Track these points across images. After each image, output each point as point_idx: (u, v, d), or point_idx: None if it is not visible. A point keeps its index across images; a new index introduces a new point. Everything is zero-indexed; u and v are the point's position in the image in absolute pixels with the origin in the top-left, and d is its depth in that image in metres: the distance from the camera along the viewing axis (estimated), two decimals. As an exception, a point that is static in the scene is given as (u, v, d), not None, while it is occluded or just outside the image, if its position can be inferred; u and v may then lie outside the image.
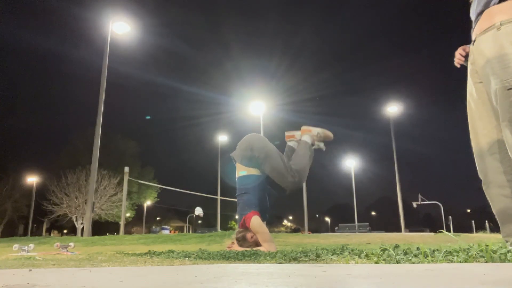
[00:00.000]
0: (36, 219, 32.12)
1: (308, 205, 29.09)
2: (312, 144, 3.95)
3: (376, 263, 1.56)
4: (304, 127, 4.03)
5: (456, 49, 2.26)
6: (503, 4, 1.66)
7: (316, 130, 3.97)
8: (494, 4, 1.70)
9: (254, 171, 3.65)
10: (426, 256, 1.56)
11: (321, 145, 3.98)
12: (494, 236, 9.10)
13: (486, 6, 1.73)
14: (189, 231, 41.01)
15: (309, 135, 3.95)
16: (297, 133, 4.03)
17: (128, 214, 33.18)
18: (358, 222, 30.23)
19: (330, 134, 4.03)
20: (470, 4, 1.90)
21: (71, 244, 4.31)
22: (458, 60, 1.97)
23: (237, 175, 3.74)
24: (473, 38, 1.83)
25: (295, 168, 3.70)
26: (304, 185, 28.91)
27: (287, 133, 4.11)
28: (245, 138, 3.82)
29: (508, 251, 1.42)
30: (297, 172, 3.68)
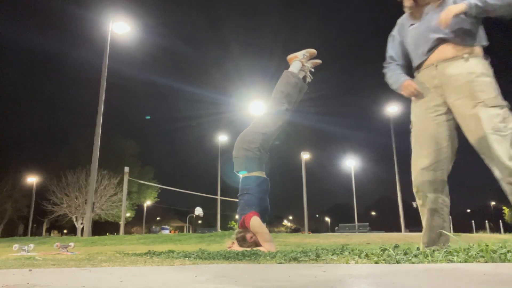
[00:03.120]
0: (36, 219, 32.08)
1: (308, 205, 29.11)
2: (302, 68, 4.04)
3: (376, 263, 1.56)
4: (289, 56, 4.13)
5: None
6: (464, 44, 1.93)
7: (301, 53, 4.09)
8: (456, 41, 1.93)
9: (255, 173, 3.66)
10: (426, 256, 1.55)
11: (309, 66, 4.09)
12: (494, 236, 9.10)
13: (451, 36, 1.94)
14: (189, 231, 41.01)
15: (297, 60, 4.05)
16: (298, 53, 4.10)
17: (128, 214, 33.14)
18: (358, 222, 30.20)
19: (313, 50, 4.14)
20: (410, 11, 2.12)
21: (71, 244, 4.31)
22: (414, 92, 2.08)
23: (240, 176, 3.76)
24: (428, 62, 2.02)
25: (279, 96, 3.87)
26: (304, 185, 28.95)
27: (288, 57, 4.15)
28: (233, 150, 3.84)
29: (508, 251, 1.42)
30: (284, 99, 3.86)
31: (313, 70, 4.13)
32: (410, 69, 2.21)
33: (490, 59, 1.95)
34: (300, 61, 4.05)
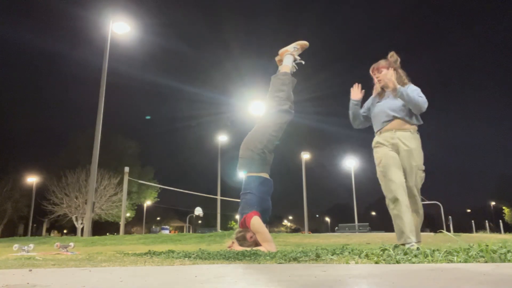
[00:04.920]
0: (36, 219, 32.07)
1: (308, 205, 29.09)
2: (295, 60, 4.06)
3: (376, 263, 1.56)
4: (280, 50, 4.14)
5: (456, 48, 2.42)
6: (411, 122, 3.00)
7: (292, 46, 4.09)
8: (406, 120, 2.99)
9: (259, 173, 3.67)
10: (426, 256, 1.55)
11: (298, 58, 4.09)
12: (494, 236, 9.09)
13: (401, 115, 3.00)
14: (189, 231, 40.99)
15: (288, 54, 4.05)
16: (288, 47, 4.10)
17: (128, 214, 33.13)
18: (358, 222, 30.19)
19: (303, 42, 4.15)
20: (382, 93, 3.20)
21: (71, 244, 4.31)
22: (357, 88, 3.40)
23: (244, 175, 3.77)
24: (389, 127, 3.03)
25: (278, 98, 3.88)
26: (304, 185, 28.95)
27: (280, 51, 4.14)
28: (240, 151, 3.84)
29: (508, 251, 1.42)
30: (283, 99, 3.87)
31: (303, 62, 4.11)
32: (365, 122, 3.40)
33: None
34: (292, 54, 4.05)
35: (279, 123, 3.83)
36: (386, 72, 3.12)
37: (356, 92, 3.36)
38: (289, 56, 4.05)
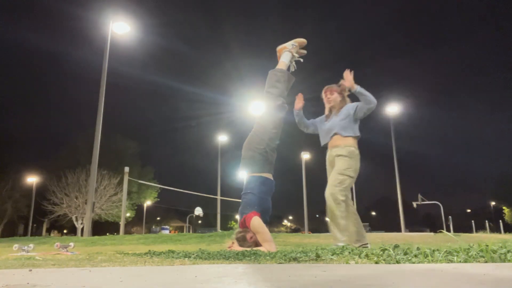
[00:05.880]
0: (36, 219, 32.06)
1: (308, 205, 29.09)
2: (293, 58, 4.12)
3: (376, 263, 1.56)
4: (278, 47, 4.19)
5: (457, 49, 2.43)
6: (344, 135, 3.49)
7: (290, 43, 4.15)
8: (341, 134, 3.50)
9: (261, 174, 3.68)
10: (426, 256, 1.56)
11: (296, 56, 4.14)
12: (494, 236, 9.10)
13: (337, 130, 3.52)
14: (189, 231, 40.98)
15: (286, 51, 4.10)
16: (286, 44, 4.16)
17: (128, 214, 33.12)
18: (358, 222, 30.11)
19: (301, 39, 4.20)
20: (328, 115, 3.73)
21: (71, 244, 4.31)
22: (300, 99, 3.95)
23: (247, 175, 3.80)
24: (329, 144, 3.59)
25: (272, 94, 3.93)
26: (304, 185, 28.97)
27: (278, 48, 4.19)
28: (242, 151, 3.87)
29: (508, 251, 1.42)
30: (276, 96, 3.93)
31: (301, 60, 4.15)
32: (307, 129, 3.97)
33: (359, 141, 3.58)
34: (290, 51, 4.09)
35: (277, 119, 3.85)
36: (348, 79, 3.55)
37: (296, 103, 3.91)
38: (287, 53, 4.09)
